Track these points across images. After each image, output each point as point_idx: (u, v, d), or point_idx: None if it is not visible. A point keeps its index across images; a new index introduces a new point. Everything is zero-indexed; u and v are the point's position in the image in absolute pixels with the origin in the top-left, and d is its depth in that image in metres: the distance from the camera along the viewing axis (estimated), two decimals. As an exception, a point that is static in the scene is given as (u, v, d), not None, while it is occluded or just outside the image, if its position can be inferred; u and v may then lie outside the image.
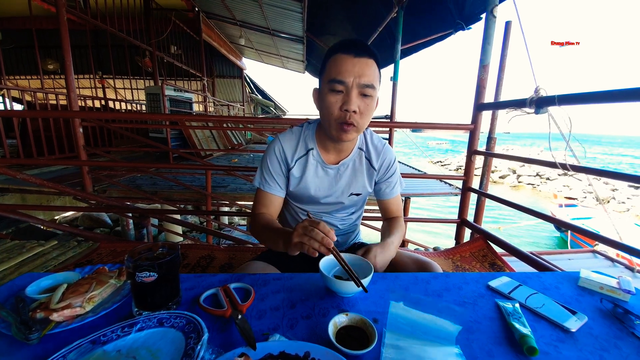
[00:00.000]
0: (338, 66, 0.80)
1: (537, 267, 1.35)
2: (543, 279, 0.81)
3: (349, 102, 0.80)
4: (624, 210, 13.57)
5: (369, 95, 0.82)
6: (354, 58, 0.79)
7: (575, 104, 1.20)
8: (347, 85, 0.80)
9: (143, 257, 0.62)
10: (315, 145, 0.97)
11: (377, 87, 0.85)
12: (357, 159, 1.00)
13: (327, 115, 0.85)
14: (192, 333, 0.52)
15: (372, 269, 0.70)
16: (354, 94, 0.80)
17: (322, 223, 0.65)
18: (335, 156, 0.99)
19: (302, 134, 0.98)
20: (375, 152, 1.01)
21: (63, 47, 2.73)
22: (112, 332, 0.53)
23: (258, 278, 0.75)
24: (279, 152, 0.96)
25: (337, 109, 0.82)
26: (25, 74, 8.83)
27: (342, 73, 0.79)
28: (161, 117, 4.30)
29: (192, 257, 1.51)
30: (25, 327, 0.53)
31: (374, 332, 0.53)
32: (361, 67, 0.80)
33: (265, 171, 0.97)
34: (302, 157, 0.97)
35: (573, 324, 0.62)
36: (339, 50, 0.82)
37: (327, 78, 0.82)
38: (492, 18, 1.66)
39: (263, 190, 0.97)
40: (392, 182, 1.04)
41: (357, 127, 0.84)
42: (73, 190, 2.40)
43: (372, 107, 0.85)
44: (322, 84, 0.86)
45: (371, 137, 1.03)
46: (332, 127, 0.85)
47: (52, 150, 3.95)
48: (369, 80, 0.80)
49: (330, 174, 0.98)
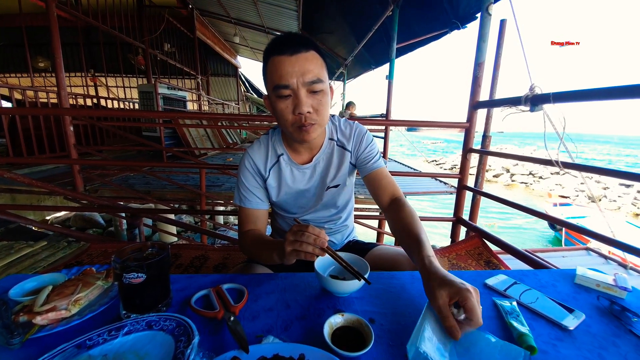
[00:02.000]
0: (277, 70, 0.74)
1: (533, 264, 1.35)
2: (539, 276, 0.80)
3: (299, 105, 0.75)
4: (615, 208, 13.80)
5: (319, 91, 0.77)
6: (290, 57, 0.73)
7: (571, 102, 1.20)
8: (293, 87, 0.74)
9: (131, 258, 0.59)
10: (284, 149, 0.94)
11: (325, 78, 0.79)
12: (329, 151, 0.96)
13: (283, 122, 0.81)
14: (182, 336, 0.50)
15: (368, 267, 0.68)
16: (303, 95, 0.75)
17: (310, 226, 0.63)
18: (307, 155, 0.95)
19: (269, 141, 0.95)
20: (346, 136, 0.97)
21: (53, 44, 2.67)
22: (98, 335, 0.50)
23: (251, 278, 0.73)
24: (251, 166, 0.93)
25: (291, 114, 0.78)
26: (15, 71, 8.67)
27: (284, 76, 0.74)
28: (154, 115, 4.25)
29: (185, 257, 1.49)
30: (7, 331, 0.51)
31: (371, 332, 0.52)
32: (301, 65, 0.74)
33: (242, 188, 0.93)
34: (275, 164, 0.94)
35: (571, 322, 0.61)
36: (273, 53, 0.76)
37: (271, 85, 0.77)
38: (488, 16, 1.66)
39: (244, 207, 0.93)
40: (372, 152, 0.97)
41: (318, 124, 0.80)
42: (63, 190, 2.35)
43: (327, 100, 0.81)
44: (268, 91, 0.81)
45: (339, 124, 0.98)
46: (291, 132, 0.82)
47: (42, 149, 3.88)
48: (314, 76, 0.75)
49: (306, 174, 0.95)
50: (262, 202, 0.94)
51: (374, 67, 5.93)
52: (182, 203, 4.12)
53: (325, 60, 0.82)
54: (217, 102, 9.59)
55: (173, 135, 5.43)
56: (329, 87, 0.82)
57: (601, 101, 1.09)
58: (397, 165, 5.84)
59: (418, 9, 3.33)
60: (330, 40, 6.46)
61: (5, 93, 5.13)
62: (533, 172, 19.99)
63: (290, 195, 0.96)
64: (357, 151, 0.97)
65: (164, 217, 2.55)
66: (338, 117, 1.01)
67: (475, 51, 1.69)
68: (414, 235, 0.73)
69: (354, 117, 4.49)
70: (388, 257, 0.94)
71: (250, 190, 0.93)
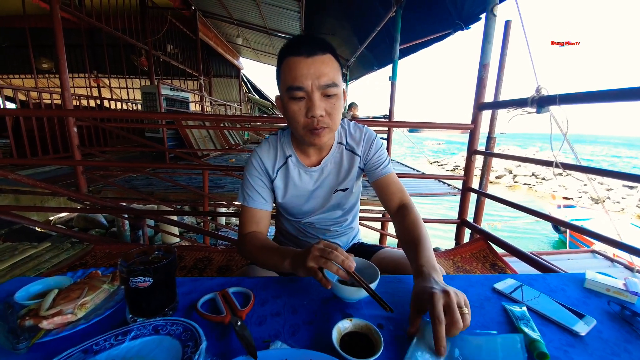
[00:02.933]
0: (292, 71, 0.74)
1: (539, 267, 1.34)
2: (548, 280, 0.79)
3: (313, 108, 0.74)
4: (618, 210, 13.70)
5: (333, 95, 0.76)
6: (307, 59, 0.73)
7: (577, 104, 1.19)
8: (307, 90, 0.74)
9: (137, 261, 0.59)
10: (293, 151, 0.93)
11: (340, 82, 0.78)
12: (338, 154, 0.96)
13: (294, 124, 0.80)
14: (189, 341, 0.49)
15: (379, 273, 0.67)
16: (317, 98, 0.74)
17: (339, 247, 0.62)
18: (316, 157, 0.94)
19: (278, 142, 0.94)
20: (355, 141, 0.96)
21: (57, 46, 2.68)
22: (104, 340, 0.50)
23: (257, 282, 0.73)
24: (259, 165, 0.92)
25: (303, 117, 0.77)
26: (18, 73, 8.73)
27: (298, 78, 0.73)
28: (157, 116, 4.26)
29: (188, 259, 1.49)
30: (14, 336, 0.50)
31: (380, 339, 0.51)
32: (317, 67, 0.73)
33: (247, 187, 0.92)
34: (283, 166, 0.93)
35: (582, 328, 0.60)
36: (289, 54, 0.75)
37: (285, 86, 0.76)
38: (492, 17, 1.65)
39: (248, 207, 0.91)
40: (381, 157, 0.96)
41: (329, 128, 0.79)
42: (67, 191, 2.36)
43: (339, 105, 0.80)
44: (281, 92, 0.80)
45: (349, 128, 0.98)
46: (303, 135, 0.81)
47: (46, 150, 3.90)
48: (329, 80, 0.74)
49: (314, 176, 0.94)
50: (266, 203, 0.93)
51: (376, 69, 5.93)
52: (185, 204, 4.13)
53: (340, 63, 0.81)
54: (220, 103, 9.61)
55: (176, 136, 5.44)
56: (342, 91, 0.81)
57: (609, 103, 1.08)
58: (399, 167, 5.83)
59: (421, 10, 3.33)
60: (332, 41, 6.45)
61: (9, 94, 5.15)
62: (536, 173, 19.90)
63: (297, 197, 0.95)
64: (367, 156, 0.97)
65: (167, 218, 2.56)
66: (348, 121, 1.00)
67: (480, 52, 1.68)
68: (413, 243, 0.75)
69: (356, 118, 4.48)
70: (393, 260, 0.94)
71: (255, 189, 0.92)
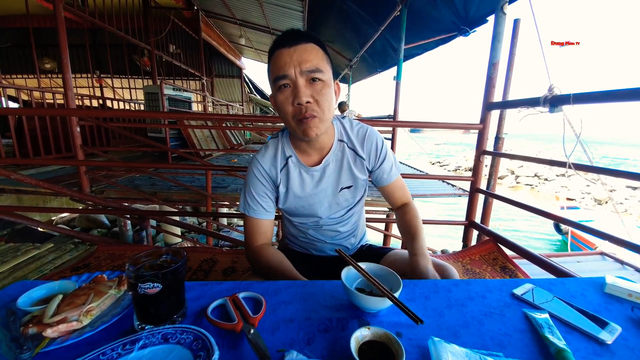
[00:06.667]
0: (277, 62, 0.75)
1: (551, 270, 1.31)
2: (567, 285, 0.77)
3: (298, 94, 0.74)
4: (622, 211, 13.60)
5: (318, 80, 0.76)
6: (289, 48, 0.74)
7: (591, 103, 1.17)
8: (291, 77, 0.74)
9: (145, 266, 0.57)
10: (293, 151, 0.91)
11: (326, 69, 0.78)
12: (339, 152, 0.93)
13: (284, 115, 0.79)
14: (200, 351, 0.47)
15: (401, 282, 0.63)
16: (301, 84, 0.74)
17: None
18: (317, 156, 0.92)
19: (278, 143, 0.93)
20: (358, 140, 0.94)
21: (60, 45, 2.67)
22: (112, 349, 0.48)
23: (268, 286, 0.70)
24: (260, 173, 0.91)
25: (290, 105, 0.77)
26: (21, 72, 8.72)
27: (282, 67, 0.74)
28: (159, 116, 4.24)
29: (193, 260, 1.47)
30: (16, 345, 0.48)
31: (401, 348, 0.48)
32: (299, 54, 0.74)
33: (248, 195, 0.91)
34: (284, 167, 0.92)
35: (608, 336, 0.57)
36: (274, 49, 0.77)
37: (272, 78, 0.78)
38: (502, 15, 1.62)
39: (249, 216, 0.91)
40: (386, 166, 0.97)
41: (319, 117, 0.78)
42: (69, 191, 2.34)
43: (329, 93, 0.78)
44: (271, 87, 0.81)
45: (350, 126, 0.96)
46: (294, 127, 0.80)
47: (48, 150, 3.89)
48: (312, 65, 0.74)
49: (315, 176, 0.92)
50: (266, 212, 0.92)
51: (380, 71, 5.90)
52: (188, 204, 4.11)
53: (328, 54, 0.81)
54: (222, 104, 9.60)
55: (178, 136, 5.43)
56: (332, 81, 0.80)
57: (623, 102, 1.05)
58: (403, 167, 5.80)
59: (426, 10, 3.29)
60: (336, 41, 6.44)
61: (12, 94, 5.16)
62: (538, 174, 19.78)
63: (299, 198, 0.93)
64: (372, 160, 0.96)
65: (171, 219, 2.54)
66: (350, 119, 0.99)
67: (490, 51, 1.66)
68: (410, 234, 0.93)
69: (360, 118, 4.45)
70: (403, 262, 0.91)
71: (256, 199, 0.90)
